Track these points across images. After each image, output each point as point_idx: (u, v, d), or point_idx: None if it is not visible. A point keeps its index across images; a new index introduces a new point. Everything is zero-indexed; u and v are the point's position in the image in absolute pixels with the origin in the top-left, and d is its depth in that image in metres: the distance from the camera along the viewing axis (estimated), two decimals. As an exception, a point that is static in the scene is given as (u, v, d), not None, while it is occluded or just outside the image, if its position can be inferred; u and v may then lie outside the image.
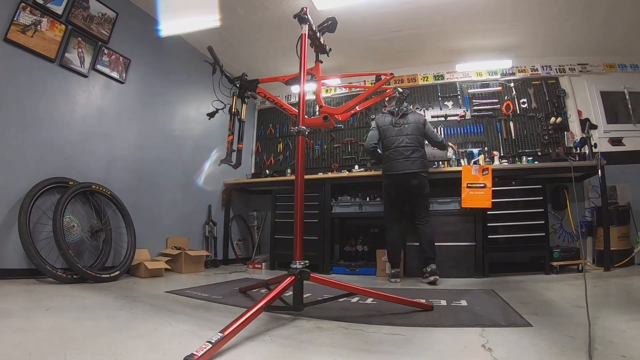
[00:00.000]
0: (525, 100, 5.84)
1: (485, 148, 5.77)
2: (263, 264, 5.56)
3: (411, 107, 6.02)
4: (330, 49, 3.28)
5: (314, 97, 3.60)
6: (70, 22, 3.99)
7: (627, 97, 5.60)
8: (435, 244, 4.33)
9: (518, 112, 5.84)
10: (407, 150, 4.29)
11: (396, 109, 4.43)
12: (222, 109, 3.17)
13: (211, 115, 3.23)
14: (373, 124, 4.60)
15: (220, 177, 6.19)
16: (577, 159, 4.88)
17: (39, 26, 3.68)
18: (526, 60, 5.99)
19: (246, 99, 3.27)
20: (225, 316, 2.28)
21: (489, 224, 4.54)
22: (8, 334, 1.76)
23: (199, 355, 1.47)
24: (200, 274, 4.68)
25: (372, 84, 3.66)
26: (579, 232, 4.99)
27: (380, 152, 4.54)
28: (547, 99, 5.77)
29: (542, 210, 4.55)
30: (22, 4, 3.54)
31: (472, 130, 5.97)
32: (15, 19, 3.49)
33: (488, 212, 4.50)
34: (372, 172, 5.33)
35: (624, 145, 5.42)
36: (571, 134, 5.47)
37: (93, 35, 4.22)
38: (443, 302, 2.85)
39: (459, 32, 5.47)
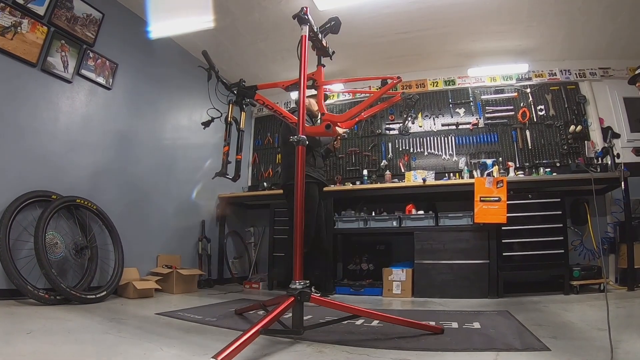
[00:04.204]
0: (542, 107, 5.88)
1: (500, 159, 5.79)
2: (260, 283, 5.57)
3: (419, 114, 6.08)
4: (333, 52, 3.31)
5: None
6: (53, 24, 4.01)
7: (652, 103, 5.61)
8: (446, 261, 4.35)
9: (535, 120, 5.88)
10: None
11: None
12: (218, 117, 3.19)
13: (206, 124, 3.25)
14: None
15: (215, 191, 6.22)
16: (599, 170, 4.89)
17: (19, 28, 3.69)
18: (543, 64, 6.03)
19: (244, 107, 3.29)
20: (220, 340, 2.29)
21: (503, 241, 4.55)
22: (-13, 359, 1.78)
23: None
24: (193, 295, 4.70)
25: (377, 89, 3.69)
26: (601, 249, 4.98)
27: None
28: (566, 105, 5.81)
29: (561, 225, 4.55)
30: (1, 4, 3.56)
31: (485, 139, 6.00)
32: (-7, 20, 3.53)
33: (503, 228, 4.52)
34: (379, 185, 5.38)
35: (649, 155, 5.42)
36: (592, 144, 5.49)
37: (77, 37, 4.25)
38: (454, 325, 2.86)
39: (471, 34, 5.52)
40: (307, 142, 2.55)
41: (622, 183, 4.44)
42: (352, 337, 2.49)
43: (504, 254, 4.53)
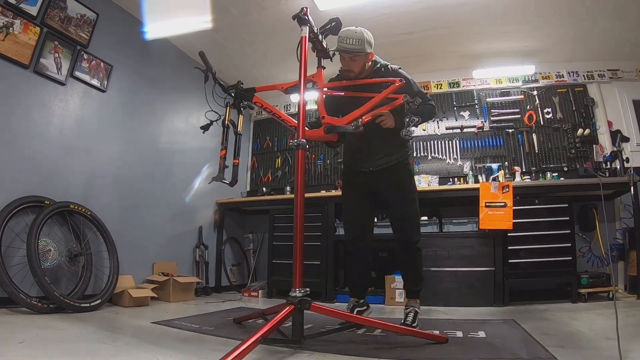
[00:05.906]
0: (549, 110, 5.88)
1: (506, 163, 5.79)
2: (260, 291, 5.56)
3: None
4: (334, 54, 3.32)
5: (315, 106, 3.63)
6: (46, 24, 4.02)
7: (662, 106, 5.61)
8: (450, 269, 4.34)
9: (542, 123, 5.88)
10: None
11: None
12: (217, 120, 3.20)
13: (205, 128, 3.25)
14: None
15: (213, 196, 6.23)
16: (607, 174, 4.90)
17: (11, 29, 3.69)
18: (551, 65, 6.04)
19: (242, 110, 3.30)
20: (218, 349, 2.30)
21: (509, 247, 4.56)
22: (-22, 370, 1.78)
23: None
24: (190, 303, 4.69)
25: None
26: (610, 256, 4.97)
27: None
28: (573, 108, 5.80)
29: (569, 231, 4.55)
30: (-7, 4, 3.57)
31: (490, 143, 6.01)
32: (-16, 21, 3.53)
33: (509, 234, 4.53)
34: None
35: (660, 159, 5.42)
36: (600, 148, 5.49)
37: (71, 38, 4.26)
38: (459, 334, 2.87)
39: (476, 35, 5.52)
40: (307, 146, 2.55)
41: (632, 188, 4.45)
42: (353, 346, 2.49)
43: (509, 261, 4.53)
